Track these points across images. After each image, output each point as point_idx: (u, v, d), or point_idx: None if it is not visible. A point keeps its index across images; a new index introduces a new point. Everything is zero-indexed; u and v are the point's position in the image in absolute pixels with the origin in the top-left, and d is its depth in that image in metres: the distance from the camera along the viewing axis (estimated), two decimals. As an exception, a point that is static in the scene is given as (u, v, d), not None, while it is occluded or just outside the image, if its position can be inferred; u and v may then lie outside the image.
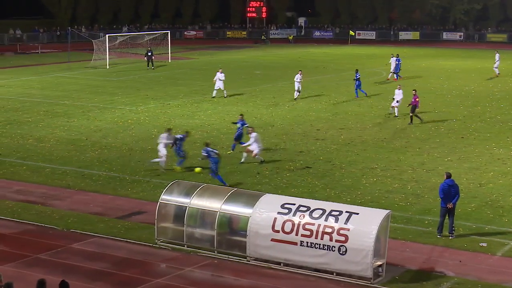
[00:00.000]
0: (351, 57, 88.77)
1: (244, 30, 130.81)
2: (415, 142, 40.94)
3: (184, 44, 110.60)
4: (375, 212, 23.39)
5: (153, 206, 26.14)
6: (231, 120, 46.40)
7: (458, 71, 74.06)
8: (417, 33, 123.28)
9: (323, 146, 40.08)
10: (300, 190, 31.30)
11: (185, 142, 36.35)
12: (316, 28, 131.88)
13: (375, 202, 29.50)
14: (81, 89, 61.89)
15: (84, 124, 46.18)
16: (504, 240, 25.74)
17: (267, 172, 34.53)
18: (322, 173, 34.45)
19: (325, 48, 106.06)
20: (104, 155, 37.95)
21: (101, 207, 29.66)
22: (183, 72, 74.64)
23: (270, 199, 24.14)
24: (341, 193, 31.07)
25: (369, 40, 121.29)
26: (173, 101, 54.96)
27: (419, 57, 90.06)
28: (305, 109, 51.24)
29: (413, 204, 29.82)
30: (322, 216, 22.51)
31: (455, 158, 37.19)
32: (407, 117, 47.36)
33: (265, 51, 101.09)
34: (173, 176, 32.59)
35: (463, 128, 44.95)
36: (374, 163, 36.18)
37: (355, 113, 49.63)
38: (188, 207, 24.55)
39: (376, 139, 41.79)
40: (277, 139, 41.66)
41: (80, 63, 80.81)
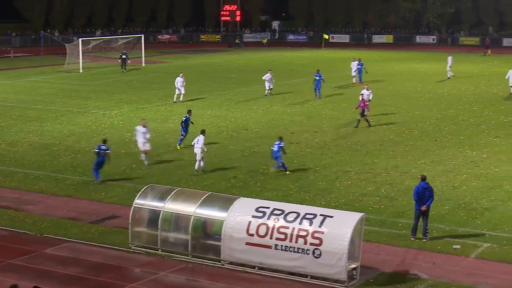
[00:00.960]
0: (325, 61, 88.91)
1: (218, 33, 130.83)
2: (389, 145, 41.11)
3: (158, 48, 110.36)
4: (349, 215, 23.44)
5: (127, 211, 26.04)
6: (205, 123, 46.39)
7: (431, 74, 74.44)
8: (390, 37, 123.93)
9: (297, 149, 40.12)
10: (274, 194, 31.31)
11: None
12: (290, 31, 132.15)
13: (349, 205, 29.58)
14: (55, 93, 61.57)
15: (57, 129, 45.94)
16: (478, 242, 25.88)
17: (241, 176, 34.52)
18: (296, 176, 34.48)
19: (299, 51, 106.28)
20: (78, 160, 37.78)
21: (75, 211, 29.51)
22: (157, 76, 74.48)
23: (244, 202, 24.13)
24: (315, 196, 31.11)
25: (343, 43, 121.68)
26: (147, 105, 54.83)
27: (393, 61, 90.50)
28: (279, 113, 51.30)
29: (387, 207, 29.92)
30: (296, 219, 22.53)
31: (428, 161, 37.37)
32: (382, 119, 47.56)
33: (239, 55, 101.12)
34: (147, 180, 32.51)
35: (436, 131, 45.19)
36: (348, 166, 36.28)
37: (329, 117, 49.76)
38: (162, 211, 24.49)
39: (350, 142, 41.90)
40: (251, 143, 41.67)
41: (53, 67, 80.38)
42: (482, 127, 46.17)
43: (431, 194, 26.07)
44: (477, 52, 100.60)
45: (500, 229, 27.25)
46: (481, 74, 74.82)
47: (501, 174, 34.90)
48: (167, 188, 26.48)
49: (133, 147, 40.43)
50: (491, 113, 51.17)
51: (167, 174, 34.91)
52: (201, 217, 24.10)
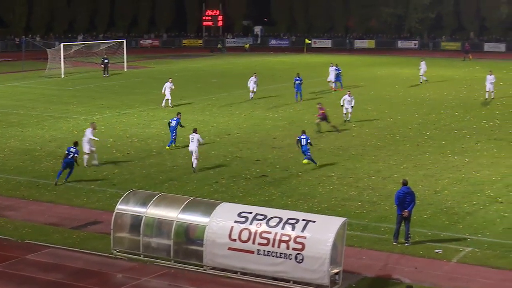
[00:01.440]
0: (307, 66, 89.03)
1: (200, 38, 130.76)
2: (371, 150, 41.23)
3: (140, 53, 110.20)
4: (331, 220, 23.48)
5: (109, 216, 25.98)
6: (187, 128, 46.29)
7: (413, 79, 74.63)
8: (372, 42, 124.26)
9: (280, 154, 40.17)
10: (257, 199, 31.33)
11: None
12: (272, 36, 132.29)
13: (331, 210, 29.63)
14: (36, 98, 61.38)
15: (38, 134, 45.78)
16: (459, 247, 25.99)
17: (224, 181, 34.52)
18: (278, 181, 34.52)
19: (282, 56, 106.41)
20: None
21: (56, 217, 29.40)
22: (139, 81, 74.39)
23: (226, 208, 24.13)
24: (297, 201, 31.15)
25: (325, 48, 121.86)
26: (129, 110, 54.75)
27: (375, 65, 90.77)
28: (262, 118, 51.35)
29: (370, 211, 30.01)
30: (279, 224, 22.55)
31: (410, 166, 37.51)
32: (364, 124, 47.72)
33: (221, 60, 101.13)
34: (129, 185, 32.44)
35: (418, 135, 45.36)
36: (331, 171, 36.35)
37: (311, 122, 49.72)
38: (145, 216, 24.45)
39: (333, 147, 41.99)
40: (233, 148, 41.67)
41: (34, 72, 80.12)
42: (464, 132, 46.39)
43: (413, 199, 26.16)
44: (459, 57, 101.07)
45: (482, 233, 27.38)
46: (463, 79, 75.18)
47: (482, 178, 35.07)
48: (149, 193, 26.45)
49: (115, 152, 40.43)
50: (473, 118, 51.43)
51: (149, 179, 34.86)
52: (183, 222, 24.08)
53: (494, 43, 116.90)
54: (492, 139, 44.27)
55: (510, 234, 27.27)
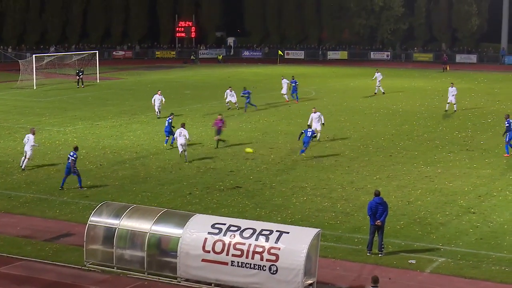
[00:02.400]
0: (280, 77, 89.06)
1: (173, 50, 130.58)
2: (344, 161, 41.35)
3: (112, 64, 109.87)
4: (305, 231, 23.51)
5: (82, 228, 25.87)
6: (161, 140, 46.31)
7: (386, 90, 75.06)
8: (345, 53, 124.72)
9: (253, 165, 40.19)
10: (230, 210, 31.32)
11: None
12: (245, 48, 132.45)
13: (305, 221, 29.67)
14: (8, 110, 61.00)
15: (10, 146, 45.49)
16: (433, 257, 26.12)
17: (197, 192, 34.48)
18: (252, 192, 34.53)
19: (255, 67, 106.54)
20: (32, 177, 37.44)
21: (29, 229, 29.21)
22: (112, 92, 74.15)
23: (200, 219, 24.09)
24: (271, 212, 31.17)
25: (298, 59, 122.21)
26: (102, 122, 54.55)
27: (348, 77, 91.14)
28: (235, 129, 51.33)
29: (343, 222, 30.08)
30: (252, 235, 22.55)
31: (383, 176, 37.67)
32: (337, 135, 47.85)
33: (194, 71, 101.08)
34: (102, 197, 32.31)
35: (391, 146, 45.57)
36: (304, 182, 36.41)
37: (285, 132, 49.91)
38: (118, 228, 24.36)
39: (306, 158, 42.06)
40: (207, 159, 41.61)
41: (6, 83, 79.65)
42: (436, 143, 46.66)
43: (385, 209, 26.26)
44: (431, 68, 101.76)
45: (455, 243, 27.54)
46: (435, 90, 75.62)
47: (455, 189, 35.29)
48: (122, 205, 26.37)
49: (87, 163, 40.24)
50: (445, 129, 51.77)
51: (122, 191, 34.74)
52: (156, 234, 24.02)
53: (465, 54, 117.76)
54: (465, 149, 44.58)
55: (482, 244, 27.47)
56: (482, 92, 73.07)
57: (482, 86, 79.08)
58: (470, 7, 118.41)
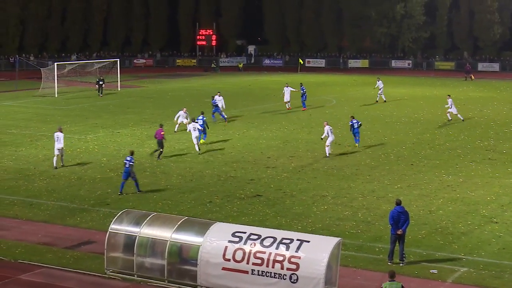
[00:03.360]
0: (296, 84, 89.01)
1: (194, 58, 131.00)
2: (365, 170, 41.24)
3: (133, 72, 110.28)
4: (326, 239, 23.46)
5: (103, 236, 25.94)
6: (181, 148, 46.41)
7: (407, 98, 74.91)
8: (366, 61, 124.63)
9: (274, 174, 40.17)
10: (251, 218, 31.30)
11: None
12: (266, 56, 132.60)
13: (326, 230, 29.61)
14: (29, 118, 61.34)
15: (32, 153, 45.71)
16: (454, 267, 25.98)
17: (218, 200, 34.49)
18: (272, 201, 34.49)
19: (275, 76, 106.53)
20: (53, 185, 37.59)
21: (50, 237, 29.32)
22: (133, 100, 74.39)
23: (220, 227, 24.09)
24: (292, 221, 31.12)
25: (318, 68, 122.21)
26: (122, 130, 54.71)
27: (369, 85, 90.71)
28: (256, 137, 51.34)
29: (364, 231, 29.98)
30: (273, 244, 22.52)
31: (405, 185, 37.52)
32: (361, 146, 47.77)
33: (215, 79, 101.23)
34: (123, 205, 32.39)
35: (412, 155, 45.40)
36: (325, 191, 36.34)
37: (306, 141, 49.86)
38: (138, 236, 24.40)
39: (327, 166, 41.99)
40: (227, 167, 41.63)
41: (28, 91, 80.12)
42: (458, 151, 46.44)
43: (407, 218, 26.17)
44: (453, 76, 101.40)
45: (477, 253, 27.38)
46: (456, 98, 75.06)
47: (477, 198, 35.10)
48: (143, 213, 26.41)
49: (108, 171, 40.38)
50: (467, 138, 51.51)
51: (143, 199, 34.81)
52: (177, 242, 24.04)
53: (488, 63, 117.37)
54: (487, 158, 44.33)
55: (505, 254, 27.30)
56: (505, 101, 72.72)
57: (504, 95, 78.70)
58: (492, 15, 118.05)
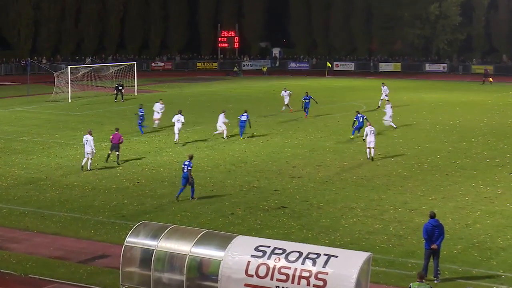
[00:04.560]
0: (329, 90, 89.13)
1: (215, 61, 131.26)
2: (397, 180, 41.08)
3: (151, 76, 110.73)
4: (355, 254, 23.33)
5: (118, 249, 25.95)
6: (201, 156, 46.44)
7: (442, 104, 74.62)
8: (398, 64, 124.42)
9: (300, 184, 40.10)
10: (275, 232, 31.24)
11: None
12: (291, 59, 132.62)
13: (355, 244, 29.50)
14: (41, 124, 61.67)
15: (44, 162, 45.92)
16: (493, 284, 25.80)
17: (240, 212, 34.47)
18: (298, 213, 34.42)
19: (301, 80, 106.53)
20: (66, 195, 37.72)
21: (62, 250, 29.41)
22: (151, 106, 74.49)
23: (243, 241, 24.02)
24: (318, 235, 31.04)
25: (347, 71, 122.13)
26: (139, 137, 54.84)
27: (401, 90, 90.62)
28: (280, 145, 51.30)
29: (396, 246, 29.84)
30: (298, 259, 22.42)
31: (439, 197, 37.34)
32: (389, 152, 47.57)
33: (237, 84, 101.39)
34: (139, 217, 32.43)
35: (447, 165, 45.18)
36: (354, 203, 36.23)
37: (333, 149, 49.78)
38: (155, 250, 24.37)
39: (356, 176, 41.88)
40: (250, 177, 41.62)
41: (40, 96, 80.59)
42: (497, 161, 46.16)
43: (442, 232, 26.02)
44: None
45: (517, 270, 27.21)
46: (495, 104, 74.99)
47: (517, 211, 34.90)
48: (161, 225, 26.38)
49: (124, 181, 40.50)
50: (506, 146, 51.19)
51: (161, 210, 34.86)
52: (196, 256, 23.99)
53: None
54: (527, 169, 44.11)
55: (547, 271, 27.07)
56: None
57: (545, 101, 78.27)
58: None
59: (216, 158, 46.56)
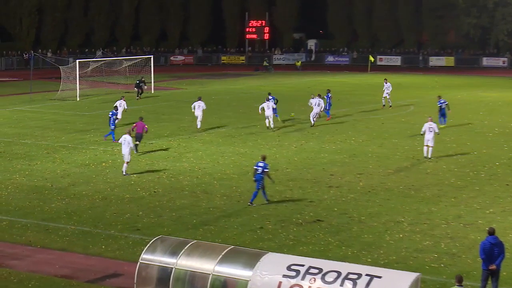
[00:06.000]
0: (372, 87, 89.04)
1: (242, 54, 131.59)
2: (450, 191, 40.95)
3: (170, 71, 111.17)
4: (401, 275, 23.28)
5: (132, 267, 26.05)
6: (226, 162, 46.51)
7: (501, 104, 74.32)
8: (451, 59, 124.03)
9: (338, 194, 40.06)
10: (310, 248, 31.24)
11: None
12: (329, 52, 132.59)
13: (401, 263, 29.44)
14: (46, 125, 62.04)
15: (49, 168, 46.18)
16: (559, 310, 25.68)
17: (270, 226, 34.48)
18: (336, 227, 34.39)
19: (340, 76, 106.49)
20: (73, 206, 37.90)
21: (69, 268, 29.55)
22: (169, 105, 74.89)
23: (273, 259, 24.04)
24: (359, 252, 31.00)
25: (393, 66, 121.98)
26: (156, 140, 55.02)
27: (454, 87, 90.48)
28: (316, 150, 51.29)
29: (448, 265, 29.74)
30: (337, 280, 22.41)
31: (498, 210, 37.16)
32: (441, 159, 47.47)
33: (267, 80, 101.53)
34: (156, 230, 32.53)
35: (508, 173, 45.00)
36: (400, 216, 36.14)
37: (377, 155, 49.70)
38: (174, 268, 24.44)
39: (403, 186, 41.78)
40: (282, 187, 41.62)
41: (44, 94, 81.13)
42: None
43: (501, 251, 25.89)
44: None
45: None
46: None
47: None
48: (180, 240, 26.46)
49: (139, 190, 40.64)
50: None
51: (180, 223, 34.92)
52: (221, 276, 24.02)
53: None
54: None
55: None
56: None
57: None
58: None
59: (243, 165, 46.59)
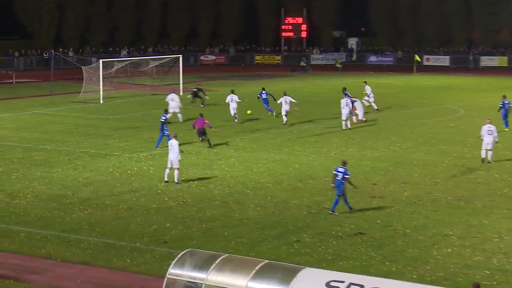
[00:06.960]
0: (418, 90, 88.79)
1: (278, 54, 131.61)
2: (503, 202, 40.74)
3: (200, 71, 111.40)
4: (450, 293, 23.27)
5: (159, 283, 26.09)
6: (260, 170, 46.52)
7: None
8: (504, 59, 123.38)
9: (381, 205, 39.98)
10: (350, 264, 31.19)
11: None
12: (371, 51, 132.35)
13: (449, 280, 29.34)
14: (67, 130, 62.33)
15: (70, 175, 46.38)
16: None
17: (308, 239, 34.46)
18: (379, 241, 34.31)
19: (384, 77, 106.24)
20: (96, 216, 38.04)
21: (91, 283, 29.67)
22: (199, 108, 74.96)
23: (311, 274, 24.03)
24: (404, 268, 30.91)
25: (441, 67, 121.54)
26: (185, 146, 55.03)
27: (507, 90, 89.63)
28: (357, 157, 51.16)
29: (501, 283, 29.60)
30: (380, 297, 22.40)
31: (556, 223, 37.00)
32: (493, 168, 47.23)
33: (305, 82, 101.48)
34: (185, 243, 32.59)
35: None
36: (449, 229, 36.00)
37: (423, 163, 49.53)
38: (204, 284, 24.47)
39: (451, 197, 41.62)
40: (320, 197, 41.59)
41: (66, 96, 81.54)
42: None
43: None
44: None
45: None
46: None
47: None
48: (211, 254, 26.48)
49: (166, 199, 40.73)
50: None
51: (210, 236, 34.95)
52: (255, 292, 24.06)
53: None
54: None
55: None
56: None
57: None
58: None
59: (279, 173, 46.60)
